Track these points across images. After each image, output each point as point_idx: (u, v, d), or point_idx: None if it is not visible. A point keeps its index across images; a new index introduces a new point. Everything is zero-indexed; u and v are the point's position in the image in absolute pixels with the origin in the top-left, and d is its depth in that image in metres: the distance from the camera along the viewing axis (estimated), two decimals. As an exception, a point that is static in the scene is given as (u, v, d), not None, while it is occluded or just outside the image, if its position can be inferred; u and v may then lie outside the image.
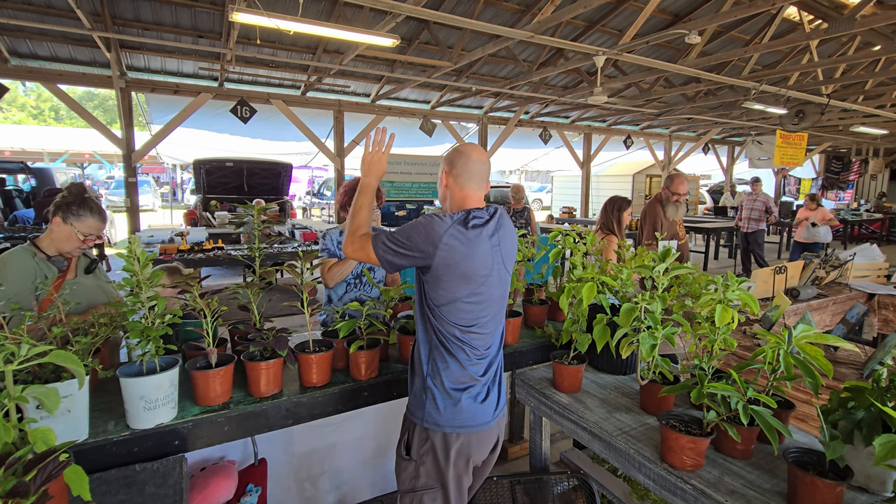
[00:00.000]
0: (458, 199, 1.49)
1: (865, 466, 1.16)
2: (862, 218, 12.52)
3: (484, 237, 1.40)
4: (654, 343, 1.54)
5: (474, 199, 1.49)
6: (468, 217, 1.39)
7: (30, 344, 0.94)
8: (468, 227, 1.38)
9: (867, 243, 4.63)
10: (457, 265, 1.35)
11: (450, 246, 1.34)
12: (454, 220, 1.37)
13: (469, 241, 1.36)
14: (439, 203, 5.47)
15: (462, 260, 1.35)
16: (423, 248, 1.35)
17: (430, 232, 1.34)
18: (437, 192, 1.63)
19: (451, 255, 1.34)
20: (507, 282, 1.52)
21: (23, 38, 5.92)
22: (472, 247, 1.36)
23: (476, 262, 1.37)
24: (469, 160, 1.47)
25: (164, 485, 1.22)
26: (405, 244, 1.36)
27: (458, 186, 1.48)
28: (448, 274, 1.36)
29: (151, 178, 21.11)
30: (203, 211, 8.22)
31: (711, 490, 1.20)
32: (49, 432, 0.92)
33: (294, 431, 2.02)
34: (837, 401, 1.24)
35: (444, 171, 1.51)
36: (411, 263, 1.39)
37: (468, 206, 1.47)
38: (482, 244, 1.39)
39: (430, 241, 1.34)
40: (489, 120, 10.08)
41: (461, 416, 1.39)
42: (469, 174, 1.47)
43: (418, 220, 1.40)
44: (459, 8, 6.04)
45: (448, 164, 1.50)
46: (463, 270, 1.36)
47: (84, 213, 1.85)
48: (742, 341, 2.64)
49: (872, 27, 4.69)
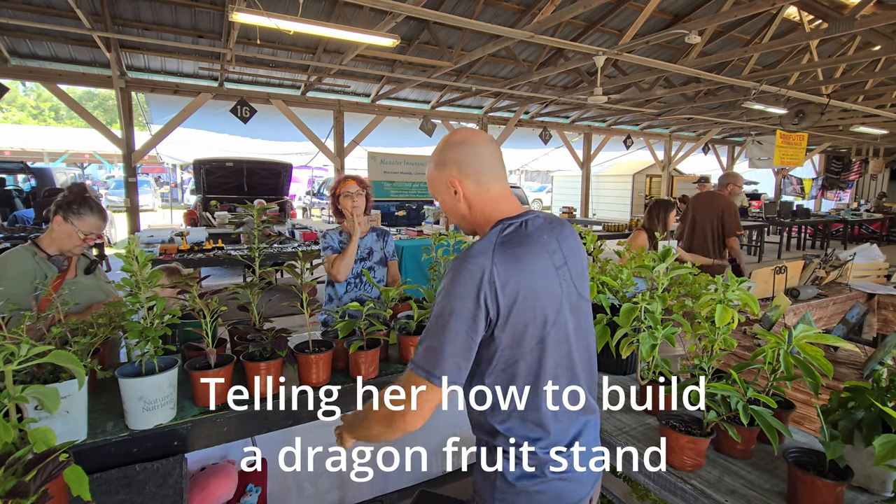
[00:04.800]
0: (487, 207, 1.10)
1: (865, 466, 1.16)
2: (862, 218, 12.52)
3: (545, 256, 1.04)
4: (654, 343, 1.54)
5: (506, 198, 1.11)
6: (517, 227, 1.04)
7: (29, 344, 0.94)
8: (520, 245, 1.01)
9: (867, 243, 4.63)
10: (522, 308, 0.99)
11: (503, 288, 0.97)
12: (496, 242, 1.01)
13: (525, 266, 1.00)
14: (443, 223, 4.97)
15: (523, 301, 0.99)
16: (475, 318, 0.96)
17: (472, 291, 0.96)
18: (448, 216, 1.17)
19: (507, 298, 0.98)
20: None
21: (23, 38, 5.91)
22: (532, 274, 1.01)
23: (541, 294, 1.02)
24: (477, 147, 1.09)
25: (163, 485, 1.22)
26: (458, 334, 0.96)
27: (484, 188, 1.09)
28: (509, 331, 1.00)
29: (151, 178, 21.10)
30: (203, 211, 8.21)
31: (711, 490, 1.20)
32: (49, 432, 0.92)
33: (294, 431, 2.02)
34: (837, 401, 1.24)
35: (451, 180, 1.09)
36: (479, 341, 1.00)
37: (502, 211, 1.10)
38: (545, 266, 1.04)
39: (479, 300, 0.96)
40: (489, 120, 10.07)
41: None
42: (489, 165, 1.10)
43: (449, 294, 0.98)
44: (459, 8, 6.04)
45: (452, 166, 1.09)
46: (526, 317, 1.00)
47: (85, 212, 1.86)
48: (742, 341, 2.64)
49: (872, 27, 4.69)
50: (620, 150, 13.07)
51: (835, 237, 12.93)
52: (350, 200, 2.41)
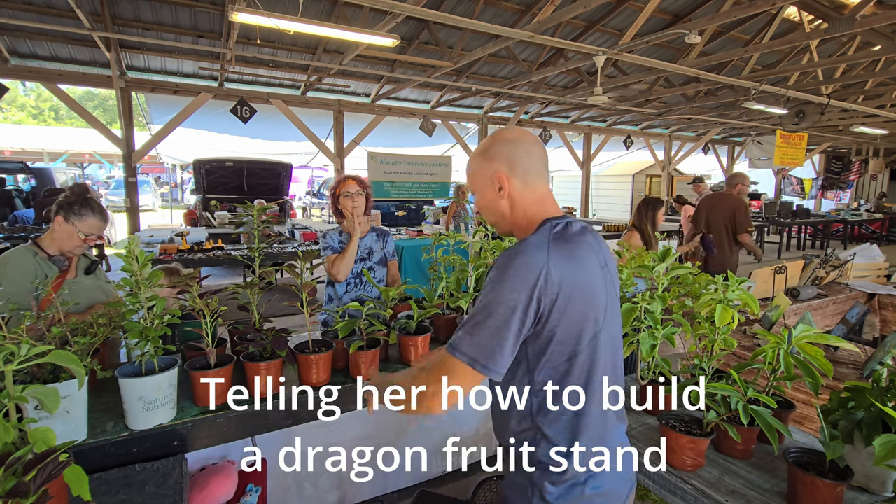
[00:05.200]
0: (531, 207, 1.08)
1: (865, 466, 1.16)
2: (862, 218, 12.52)
3: (592, 254, 1.03)
4: (654, 343, 1.54)
5: (550, 199, 1.11)
6: (568, 227, 1.03)
7: (29, 344, 0.94)
8: (575, 242, 1.00)
9: (867, 243, 4.63)
10: (574, 305, 0.98)
11: (559, 283, 0.95)
12: (550, 238, 0.99)
13: (578, 260, 1.00)
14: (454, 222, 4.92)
15: (576, 298, 0.98)
16: (528, 311, 0.94)
17: (525, 283, 0.94)
18: (485, 213, 1.14)
19: (562, 301, 0.96)
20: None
21: (23, 37, 5.91)
22: (586, 270, 1.01)
23: (591, 291, 1.01)
24: (529, 147, 1.08)
25: (163, 485, 1.22)
26: (503, 327, 0.94)
27: (531, 188, 1.08)
28: (560, 330, 0.98)
29: (151, 178, 21.10)
30: (203, 211, 8.22)
31: (711, 490, 1.20)
32: (49, 432, 0.92)
33: (294, 431, 2.03)
34: (837, 401, 1.24)
35: (499, 176, 1.07)
36: (524, 338, 0.98)
37: (548, 211, 1.09)
38: (593, 265, 1.03)
39: (530, 292, 0.94)
40: (489, 120, 10.07)
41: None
42: (537, 166, 1.09)
43: (496, 289, 0.96)
44: (459, 8, 6.04)
45: (502, 162, 1.07)
46: (578, 315, 0.98)
47: (86, 213, 1.86)
48: (742, 341, 2.64)
49: (872, 27, 4.69)
50: (620, 150, 13.07)
51: (835, 237, 12.93)
52: (350, 200, 2.41)
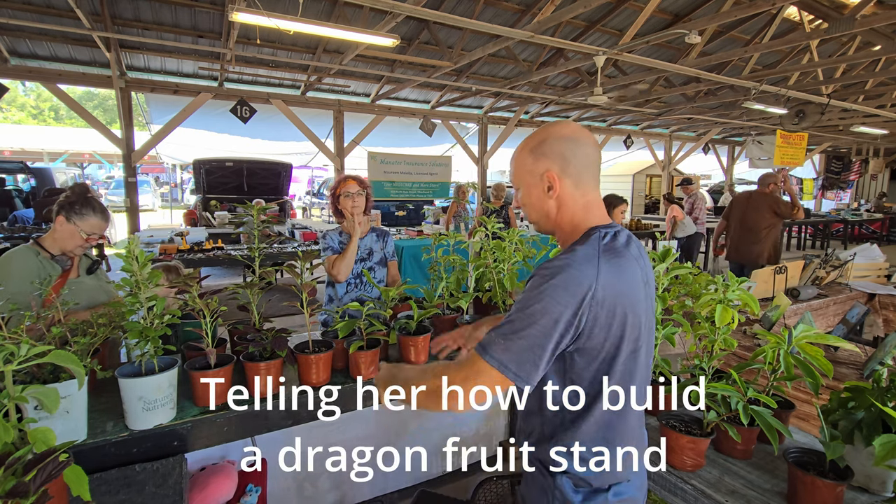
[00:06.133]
0: (578, 211, 1.02)
1: (865, 466, 1.16)
2: (862, 218, 12.52)
3: (636, 269, 0.99)
4: (655, 343, 1.54)
5: (599, 205, 1.04)
6: (616, 238, 0.98)
7: (29, 344, 0.94)
8: (620, 255, 0.96)
9: (867, 243, 4.63)
10: (613, 319, 0.94)
11: (605, 300, 0.92)
12: (600, 251, 0.94)
13: (624, 272, 0.96)
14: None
15: (619, 309, 0.94)
16: (569, 325, 0.90)
17: (572, 294, 0.90)
18: (528, 210, 1.08)
19: (606, 310, 0.92)
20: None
21: (22, 37, 5.91)
22: (629, 284, 0.97)
23: (633, 306, 0.97)
24: (586, 147, 1.02)
25: (163, 485, 1.22)
26: (541, 337, 0.90)
27: (581, 191, 1.02)
28: (598, 338, 0.95)
29: (151, 178, 21.10)
30: (203, 211, 8.22)
31: (711, 490, 1.20)
32: (49, 432, 0.92)
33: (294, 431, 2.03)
34: (837, 401, 1.24)
35: (550, 175, 1.00)
36: (560, 352, 0.95)
37: (596, 217, 1.03)
38: (636, 279, 0.98)
39: (575, 305, 0.90)
40: (489, 120, 10.08)
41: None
42: (591, 169, 1.02)
43: (538, 293, 0.91)
44: (459, 8, 6.04)
45: (556, 160, 1.00)
46: (617, 330, 0.95)
47: (87, 213, 1.86)
48: (742, 341, 2.64)
49: (872, 27, 4.69)
50: (620, 150, 13.07)
51: (835, 237, 12.93)
52: (350, 200, 2.41)
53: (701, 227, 7.38)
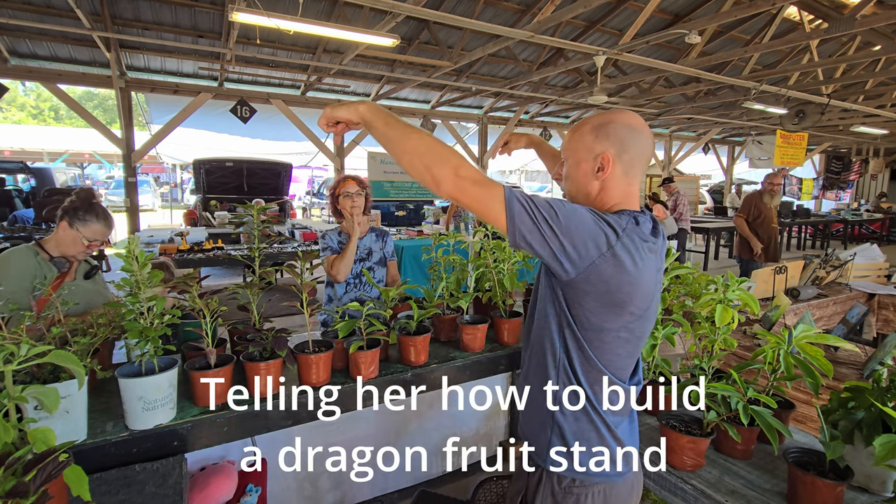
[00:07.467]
0: (617, 198, 1.04)
1: (865, 466, 1.16)
2: (862, 218, 12.51)
3: (653, 257, 0.98)
4: (655, 343, 1.54)
5: (637, 198, 1.06)
6: (639, 224, 0.98)
7: (29, 344, 0.94)
8: (643, 240, 0.96)
9: (867, 243, 4.63)
10: (617, 289, 0.94)
11: (619, 261, 0.92)
12: (626, 225, 0.95)
13: (642, 259, 0.95)
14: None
15: (625, 285, 0.94)
16: (579, 247, 0.91)
17: (596, 231, 0.91)
18: (569, 183, 1.09)
19: (615, 273, 0.92)
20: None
21: (22, 37, 5.91)
22: (641, 269, 0.95)
23: (640, 291, 0.96)
24: (645, 140, 1.03)
25: (163, 485, 1.22)
26: (558, 225, 0.90)
27: (627, 180, 1.03)
28: (595, 295, 0.95)
29: (151, 178, 21.10)
30: (203, 211, 8.21)
31: (711, 490, 1.20)
32: (49, 432, 0.92)
33: (294, 431, 2.03)
34: (837, 401, 1.24)
35: (606, 157, 1.01)
36: (548, 257, 0.93)
37: (631, 206, 1.04)
38: (650, 266, 0.98)
39: (595, 241, 0.91)
40: (489, 120, 10.08)
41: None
42: (643, 162, 1.04)
43: (575, 206, 0.94)
44: (459, 8, 6.04)
45: (615, 143, 1.01)
46: (620, 297, 0.95)
47: (90, 219, 1.86)
48: (742, 341, 2.64)
49: (872, 27, 4.69)
50: (620, 150, 13.05)
51: (835, 237, 12.93)
52: (349, 200, 2.41)
53: (685, 223, 7.59)
